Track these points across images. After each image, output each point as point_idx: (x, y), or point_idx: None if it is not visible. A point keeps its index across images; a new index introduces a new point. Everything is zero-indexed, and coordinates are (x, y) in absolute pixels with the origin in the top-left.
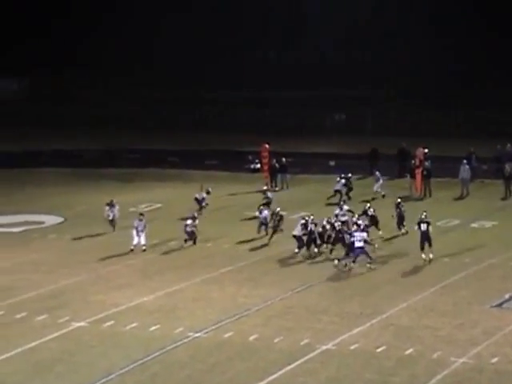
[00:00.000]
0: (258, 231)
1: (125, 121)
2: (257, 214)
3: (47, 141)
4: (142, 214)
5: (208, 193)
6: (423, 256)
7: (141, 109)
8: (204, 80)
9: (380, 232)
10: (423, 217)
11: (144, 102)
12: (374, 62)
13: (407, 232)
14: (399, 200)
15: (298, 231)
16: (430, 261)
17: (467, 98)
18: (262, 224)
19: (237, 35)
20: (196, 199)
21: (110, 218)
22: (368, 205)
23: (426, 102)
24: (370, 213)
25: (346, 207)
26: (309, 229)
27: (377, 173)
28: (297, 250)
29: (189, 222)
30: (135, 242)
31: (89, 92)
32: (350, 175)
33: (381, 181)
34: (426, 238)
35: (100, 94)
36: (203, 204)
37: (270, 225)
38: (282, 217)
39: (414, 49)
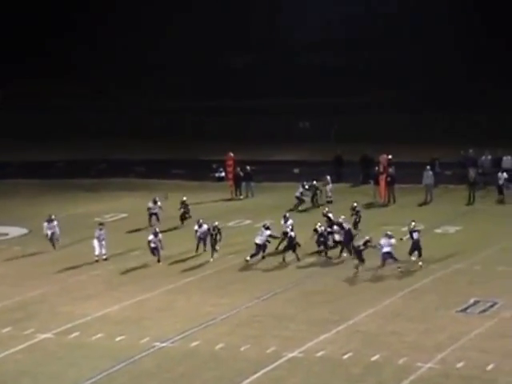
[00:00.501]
0: (197, 249)
1: (91, 131)
2: (196, 227)
3: (15, 152)
4: (101, 224)
5: (155, 202)
6: (413, 258)
7: (108, 118)
8: (168, 89)
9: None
10: (412, 226)
11: (111, 111)
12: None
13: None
14: (355, 204)
15: (259, 239)
16: (420, 267)
17: (431, 103)
18: (200, 239)
19: (202, 42)
20: (149, 209)
21: (49, 235)
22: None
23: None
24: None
25: (289, 221)
26: (289, 235)
27: (327, 177)
28: (248, 258)
29: (151, 237)
30: (97, 251)
31: (56, 101)
32: (314, 182)
33: (330, 185)
34: (416, 246)
35: (67, 103)
36: (156, 212)
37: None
38: (219, 230)
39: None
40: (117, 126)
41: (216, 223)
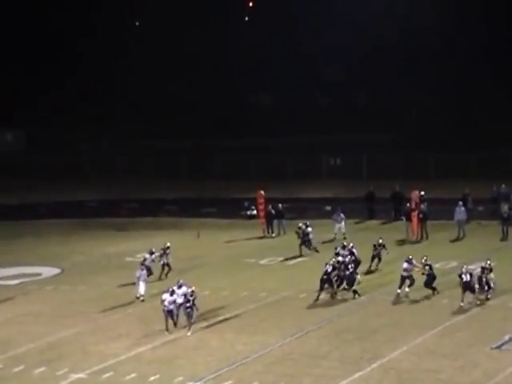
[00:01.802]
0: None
1: (122, 170)
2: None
3: (45, 192)
4: (143, 264)
5: (152, 253)
6: (461, 304)
7: (138, 158)
8: (199, 128)
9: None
10: (423, 261)
11: (141, 151)
12: (367, 106)
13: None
14: (380, 241)
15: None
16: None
17: (461, 140)
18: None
19: (231, 80)
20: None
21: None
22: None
23: (420, 145)
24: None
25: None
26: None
27: (341, 214)
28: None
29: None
30: (142, 292)
31: (86, 142)
32: (300, 225)
33: (343, 223)
34: (468, 287)
35: (97, 144)
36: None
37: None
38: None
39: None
40: (145, 166)
41: (193, 288)
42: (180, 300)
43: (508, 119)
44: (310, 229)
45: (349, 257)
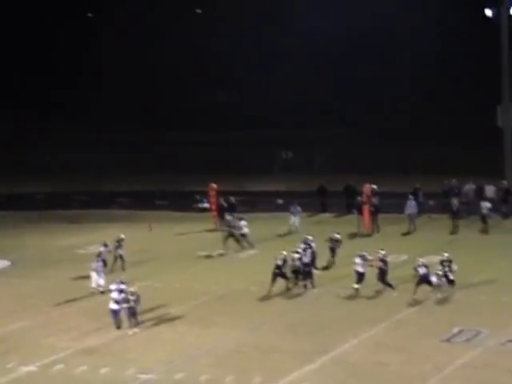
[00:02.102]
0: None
1: (73, 164)
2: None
3: None
4: (98, 256)
5: (106, 245)
6: (414, 297)
7: (90, 152)
8: (152, 122)
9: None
10: (420, 263)
11: (93, 145)
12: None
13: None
14: (338, 236)
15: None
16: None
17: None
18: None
19: (187, 76)
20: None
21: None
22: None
23: (374, 138)
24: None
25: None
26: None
27: (298, 207)
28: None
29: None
30: (94, 284)
31: (37, 136)
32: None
33: (298, 216)
34: (425, 280)
35: (48, 138)
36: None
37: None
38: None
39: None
40: (100, 160)
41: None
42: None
43: (455, 117)
44: (243, 222)
45: (308, 250)
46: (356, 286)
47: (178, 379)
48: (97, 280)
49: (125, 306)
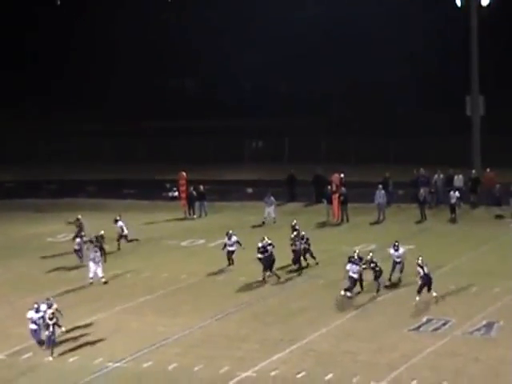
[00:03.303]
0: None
1: (41, 153)
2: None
3: None
4: (96, 245)
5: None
6: (417, 298)
7: (57, 141)
8: (119, 111)
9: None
10: (420, 262)
11: (62, 134)
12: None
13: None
14: (295, 221)
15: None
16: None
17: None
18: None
19: (152, 64)
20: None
21: None
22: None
23: (342, 129)
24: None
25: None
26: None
27: (271, 197)
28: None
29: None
30: (91, 274)
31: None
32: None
33: (273, 206)
34: (427, 281)
35: (18, 126)
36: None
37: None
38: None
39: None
40: (67, 149)
41: (55, 307)
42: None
43: (429, 106)
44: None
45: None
46: (348, 294)
47: (146, 368)
48: (95, 270)
49: (46, 333)
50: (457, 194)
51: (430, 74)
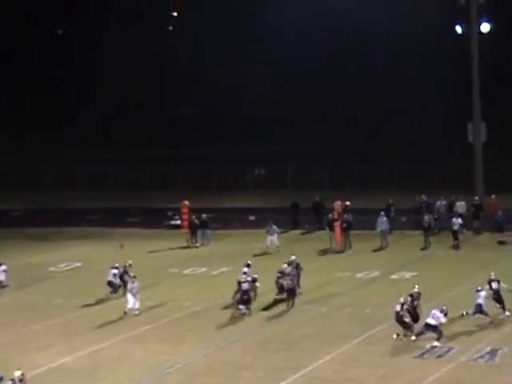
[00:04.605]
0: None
1: (44, 181)
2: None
3: None
4: (135, 277)
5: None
6: (505, 314)
7: (64, 168)
8: (122, 138)
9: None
10: (492, 277)
11: (62, 162)
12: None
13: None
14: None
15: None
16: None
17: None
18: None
19: (155, 91)
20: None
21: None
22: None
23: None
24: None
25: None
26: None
27: (273, 226)
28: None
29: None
30: (130, 305)
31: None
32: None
33: (276, 235)
34: (497, 296)
35: (17, 153)
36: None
37: None
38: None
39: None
40: (70, 177)
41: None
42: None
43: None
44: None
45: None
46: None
47: None
48: (134, 302)
49: None
50: (459, 220)
51: (432, 99)
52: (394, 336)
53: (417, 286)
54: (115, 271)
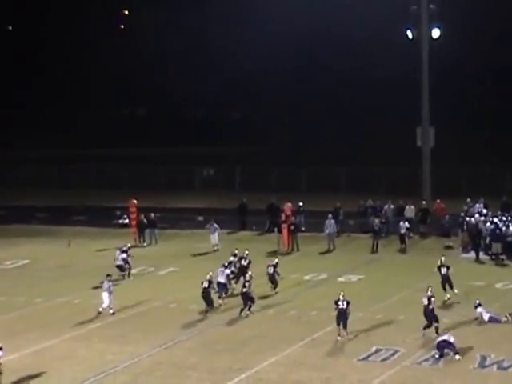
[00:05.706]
0: None
1: None
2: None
3: None
4: (109, 275)
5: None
6: (447, 296)
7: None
8: (71, 137)
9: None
10: (443, 261)
11: (11, 160)
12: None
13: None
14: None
15: (223, 278)
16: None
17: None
18: None
19: (104, 92)
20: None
21: None
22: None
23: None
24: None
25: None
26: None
27: (214, 224)
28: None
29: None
30: (105, 304)
31: None
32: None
33: (216, 233)
34: (446, 280)
35: None
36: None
37: None
38: None
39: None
40: (16, 174)
41: None
42: None
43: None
44: None
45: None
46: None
47: None
48: (109, 302)
49: None
50: (406, 224)
51: (381, 104)
52: (339, 338)
53: (430, 289)
54: (124, 256)
